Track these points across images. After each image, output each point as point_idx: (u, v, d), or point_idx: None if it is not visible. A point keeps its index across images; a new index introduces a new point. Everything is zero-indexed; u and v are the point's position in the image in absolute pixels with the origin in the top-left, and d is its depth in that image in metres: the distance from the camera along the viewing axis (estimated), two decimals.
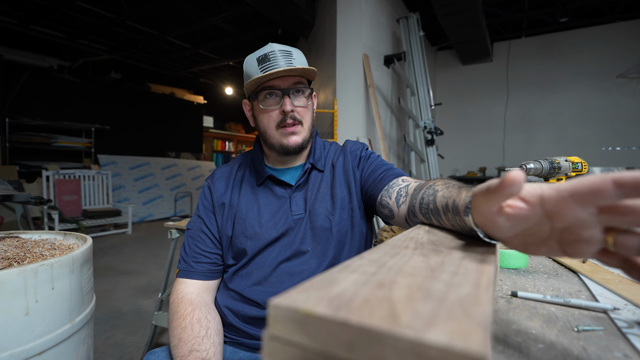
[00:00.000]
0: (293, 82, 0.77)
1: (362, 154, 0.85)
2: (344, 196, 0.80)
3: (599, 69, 5.07)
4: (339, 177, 0.82)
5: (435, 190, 0.50)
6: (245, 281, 0.77)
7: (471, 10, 3.84)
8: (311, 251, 0.77)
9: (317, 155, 0.86)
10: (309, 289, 0.21)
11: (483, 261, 0.29)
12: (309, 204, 0.80)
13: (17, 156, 4.83)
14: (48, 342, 0.77)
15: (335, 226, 0.77)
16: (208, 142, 8.47)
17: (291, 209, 0.80)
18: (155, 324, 1.65)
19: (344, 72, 3.47)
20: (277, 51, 0.77)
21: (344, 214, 0.79)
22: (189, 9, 4.52)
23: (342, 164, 0.84)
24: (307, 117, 0.81)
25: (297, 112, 0.78)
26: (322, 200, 0.80)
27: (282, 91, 0.76)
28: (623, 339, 0.34)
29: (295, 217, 0.79)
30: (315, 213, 0.78)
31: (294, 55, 0.78)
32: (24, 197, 1.20)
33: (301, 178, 0.82)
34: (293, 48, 0.80)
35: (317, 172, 0.85)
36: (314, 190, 0.82)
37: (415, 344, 0.15)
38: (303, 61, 0.80)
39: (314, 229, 0.78)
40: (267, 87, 0.77)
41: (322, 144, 0.91)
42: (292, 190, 0.82)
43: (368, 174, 0.79)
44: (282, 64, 0.75)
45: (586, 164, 0.91)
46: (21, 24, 4.88)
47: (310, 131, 0.83)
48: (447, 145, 5.64)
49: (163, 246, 3.93)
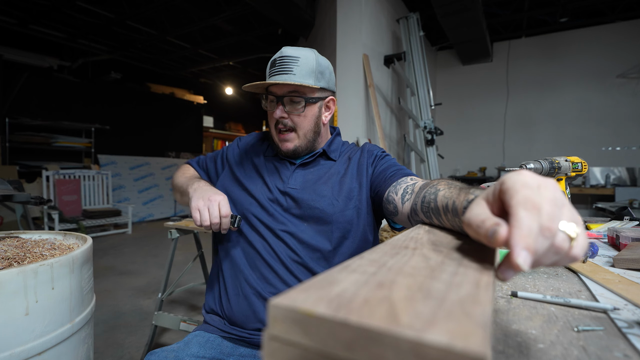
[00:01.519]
0: (288, 89, 0.80)
1: (377, 154, 0.87)
2: (352, 187, 0.82)
3: (599, 69, 5.07)
4: (352, 170, 0.85)
5: (437, 190, 0.50)
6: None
7: (471, 10, 3.84)
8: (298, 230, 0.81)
9: (333, 147, 0.91)
10: (309, 289, 0.21)
11: (483, 261, 0.29)
12: (311, 185, 0.82)
13: (17, 156, 4.82)
14: (48, 342, 0.77)
15: (339, 212, 0.78)
16: (208, 142, 8.47)
17: (289, 182, 0.84)
18: (155, 324, 1.65)
19: (344, 72, 3.47)
20: (286, 57, 0.80)
21: (350, 203, 0.80)
22: (189, 9, 4.52)
23: (358, 159, 0.87)
24: (304, 125, 0.83)
25: (290, 119, 0.82)
26: (330, 185, 0.82)
27: (277, 98, 0.81)
28: (623, 339, 0.34)
29: (289, 189, 0.83)
30: (321, 194, 0.80)
31: (300, 63, 0.79)
32: (24, 197, 1.20)
33: (308, 158, 0.87)
34: (305, 51, 0.81)
35: (328, 160, 0.89)
36: (321, 174, 0.85)
37: (415, 344, 0.15)
38: (308, 70, 0.80)
39: (312, 209, 0.79)
40: (269, 91, 0.83)
41: (342, 142, 0.95)
42: (295, 167, 0.86)
43: (380, 171, 0.81)
44: (282, 73, 0.79)
45: (586, 164, 0.91)
46: (21, 24, 4.88)
47: (309, 138, 0.86)
48: (447, 145, 5.64)
49: (163, 246, 3.93)
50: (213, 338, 0.79)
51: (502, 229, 0.26)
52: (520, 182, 0.27)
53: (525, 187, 0.26)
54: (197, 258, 1.85)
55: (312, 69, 0.80)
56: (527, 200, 0.25)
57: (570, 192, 1.22)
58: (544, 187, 0.26)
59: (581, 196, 4.81)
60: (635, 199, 3.93)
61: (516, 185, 0.27)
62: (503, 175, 0.30)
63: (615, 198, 4.24)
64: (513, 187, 0.27)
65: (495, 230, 0.26)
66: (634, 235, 0.72)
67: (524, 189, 0.26)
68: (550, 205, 0.25)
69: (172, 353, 0.72)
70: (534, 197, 0.25)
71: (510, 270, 0.25)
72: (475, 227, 0.29)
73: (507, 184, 0.27)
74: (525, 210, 0.25)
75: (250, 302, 0.78)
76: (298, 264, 0.78)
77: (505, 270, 0.25)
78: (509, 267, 0.25)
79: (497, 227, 0.26)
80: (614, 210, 1.39)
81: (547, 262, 0.26)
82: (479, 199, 0.31)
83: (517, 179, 0.27)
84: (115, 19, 4.75)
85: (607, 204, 3.55)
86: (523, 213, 0.25)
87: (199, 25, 4.87)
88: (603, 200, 4.31)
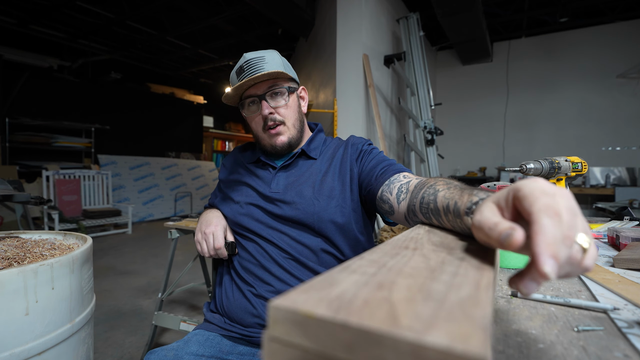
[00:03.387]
0: (267, 86, 0.82)
1: (363, 148, 0.85)
2: (333, 187, 0.81)
3: (599, 69, 5.06)
4: (334, 168, 0.84)
5: (436, 190, 0.50)
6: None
7: (471, 10, 3.83)
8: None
9: (313, 145, 0.90)
10: (309, 290, 0.21)
11: (483, 262, 0.29)
12: (292, 186, 0.83)
13: (17, 156, 4.82)
14: (48, 342, 0.77)
15: (321, 212, 0.78)
16: (208, 142, 8.47)
17: (270, 186, 0.85)
18: (155, 324, 1.65)
19: (344, 72, 3.47)
20: (251, 59, 0.81)
21: (332, 202, 0.79)
22: (189, 9, 4.52)
23: (341, 156, 0.86)
24: (290, 116, 0.85)
25: (277, 112, 0.83)
26: (310, 185, 0.82)
27: (259, 97, 0.82)
28: (623, 339, 0.34)
29: (272, 194, 0.83)
30: (302, 195, 0.80)
31: (267, 59, 0.81)
32: (24, 197, 1.20)
33: (287, 161, 0.87)
34: (267, 51, 0.84)
35: (308, 159, 0.88)
36: (300, 174, 0.85)
37: (415, 346, 0.15)
38: (276, 63, 0.82)
39: (294, 210, 0.80)
40: (247, 95, 0.84)
41: (325, 139, 0.94)
42: (277, 171, 0.87)
43: (369, 169, 0.80)
44: (254, 72, 0.79)
45: (586, 164, 0.91)
46: (21, 24, 4.87)
47: (298, 128, 0.87)
48: (447, 145, 5.64)
49: (163, 246, 3.93)
50: (213, 337, 0.79)
51: (517, 232, 0.25)
52: (539, 190, 0.26)
53: (544, 194, 0.26)
54: (197, 258, 1.85)
55: (279, 62, 0.83)
56: (548, 208, 0.25)
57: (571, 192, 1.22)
58: (560, 196, 0.26)
59: (581, 196, 4.81)
60: (635, 199, 3.93)
61: (535, 192, 0.26)
62: (516, 181, 0.29)
63: (615, 198, 4.24)
64: (532, 194, 0.26)
65: (510, 233, 0.26)
66: (634, 235, 0.72)
67: (543, 197, 0.26)
68: (568, 214, 0.25)
69: (171, 352, 0.72)
70: (555, 205, 0.25)
71: (534, 283, 0.24)
72: (487, 230, 0.28)
73: (525, 190, 0.27)
74: (548, 217, 0.24)
75: (246, 298, 0.79)
76: (290, 260, 0.79)
77: (529, 283, 0.24)
78: (533, 278, 0.24)
79: (512, 230, 0.26)
80: (614, 210, 1.39)
81: (562, 273, 0.26)
82: (489, 202, 0.31)
83: (535, 186, 0.27)
84: (115, 19, 4.75)
85: (607, 204, 3.55)
86: (547, 220, 0.24)
87: (199, 25, 4.87)
88: (603, 200, 4.31)
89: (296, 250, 0.78)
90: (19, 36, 5.08)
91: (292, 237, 0.79)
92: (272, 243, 0.80)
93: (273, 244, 0.80)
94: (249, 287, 0.80)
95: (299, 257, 0.78)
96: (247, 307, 0.78)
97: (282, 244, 0.79)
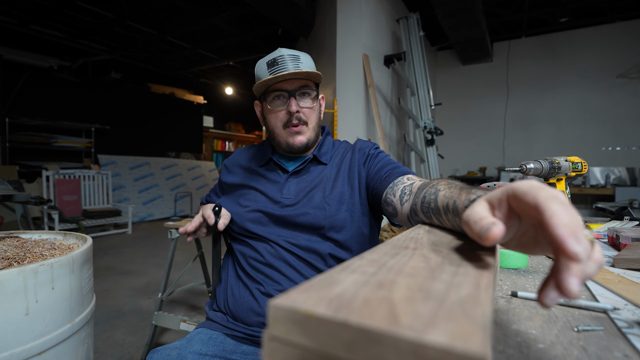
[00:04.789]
0: (299, 84, 0.82)
1: (370, 152, 0.87)
2: (344, 191, 0.82)
3: (599, 69, 5.07)
4: (343, 173, 0.85)
5: (437, 190, 0.50)
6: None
7: (471, 10, 3.83)
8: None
9: (323, 150, 0.90)
10: (309, 290, 0.21)
11: (483, 261, 0.29)
12: (303, 192, 0.83)
13: (17, 156, 4.82)
14: (48, 342, 0.77)
15: (332, 217, 0.79)
16: (208, 142, 8.46)
17: (282, 192, 0.84)
18: (155, 324, 1.65)
19: (344, 72, 3.47)
20: (286, 55, 0.81)
21: (342, 207, 0.80)
22: (189, 9, 4.52)
23: (349, 161, 0.87)
24: (313, 118, 0.86)
25: (302, 113, 0.83)
26: (321, 190, 0.82)
27: (289, 93, 0.81)
28: (623, 339, 0.34)
29: (284, 199, 0.83)
30: (313, 201, 0.81)
31: (302, 59, 0.83)
32: (24, 197, 1.20)
33: (299, 166, 0.87)
34: (301, 52, 0.85)
35: (319, 165, 0.88)
36: (312, 180, 0.85)
37: (415, 345, 0.15)
38: (310, 65, 0.84)
39: (305, 216, 0.80)
40: (275, 89, 0.82)
41: (333, 142, 0.95)
42: (288, 176, 0.86)
43: (375, 172, 0.81)
44: (290, 68, 0.80)
45: (586, 164, 0.91)
46: (21, 24, 4.87)
47: (316, 132, 0.88)
48: (447, 145, 5.64)
49: (163, 246, 3.93)
50: (216, 335, 0.79)
51: (496, 227, 0.26)
52: (537, 186, 0.26)
53: (543, 189, 0.26)
54: (197, 258, 1.85)
55: (313, 66, 0.85)
56: (554, 197, 0.25)
57: (570, 192, 1.22)
58: (557, 192, 0.26)
59: (581, 196, 4.81)
60: (635, 199, 3.93)
61: (534, 187, 0.26)
62: (513, 181, 0.29)
63: (615, 198, 4.24)
64: (532, 189, 0.26)
65: (490, 228, 0.26)
66: (634, 235, 0.72)
67: (543, 190, 0.26)
68: (570, 207, 0.25)
69: (174, 351, 0.72)
70: (558, 195, 0.25)
71: (571, 275, 0.22)
72: (471, 224, 0.29)
73: (523, 187, 0.27)
74: (557, 204, 0.24)
75: (253, 296, 0.79)
76: (299, 260, 0.79)
77: (567, 279, 0.22)
78: (566, 268, 0.22)
79: (492, 225, 0.26)
80: (614, 210, 1.39)
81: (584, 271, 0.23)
82: (481, 199, 0.31)
83: (533, 183, 0.27)
84: (115, 19, 4.75)
85: (607, 204, 3.55)
86: (557, 206, 0.24)
87: (199, 25, 4.87)
88: (603, 200, 4.31)
89: (305, 254, 0.79)
90: (19, 36, 5.08)
91: (301, 242, 0.79)
92: (281, 246, 0.80)
93: (282, 247, 0.80)
94: (257, 285, 0.80)
95: (308, 258, 0.79)
96: (252, 306, 0.78)
97: (291, 248, 0.80)
